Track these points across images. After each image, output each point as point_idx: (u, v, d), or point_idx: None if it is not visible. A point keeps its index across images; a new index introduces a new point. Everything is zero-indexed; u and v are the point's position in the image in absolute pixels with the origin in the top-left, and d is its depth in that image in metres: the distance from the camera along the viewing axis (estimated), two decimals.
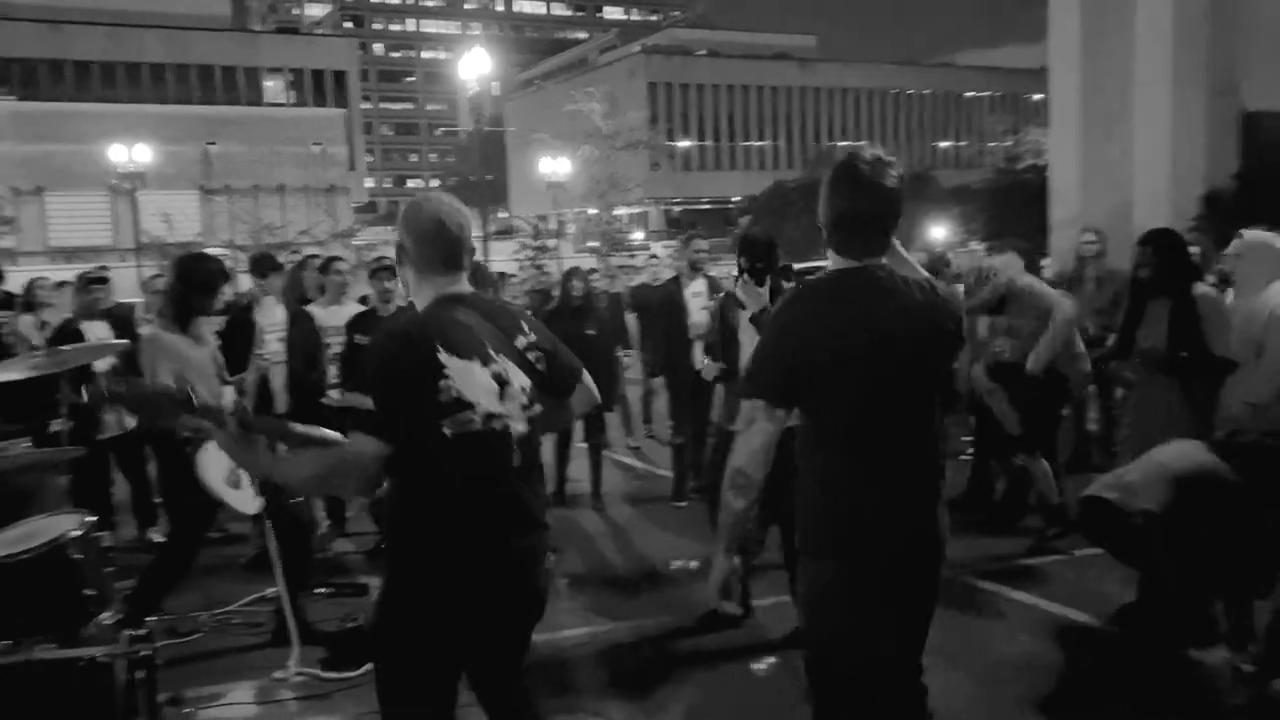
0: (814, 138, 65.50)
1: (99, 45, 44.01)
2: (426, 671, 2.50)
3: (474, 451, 2.39)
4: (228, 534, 6.42)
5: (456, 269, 2.55)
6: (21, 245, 35.85)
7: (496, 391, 2.45)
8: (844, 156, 2.61)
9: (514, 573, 2.51)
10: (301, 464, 2.56)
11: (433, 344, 2.37)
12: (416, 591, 2.45)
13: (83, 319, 6.53)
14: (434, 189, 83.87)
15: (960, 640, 4.84)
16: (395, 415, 2.33)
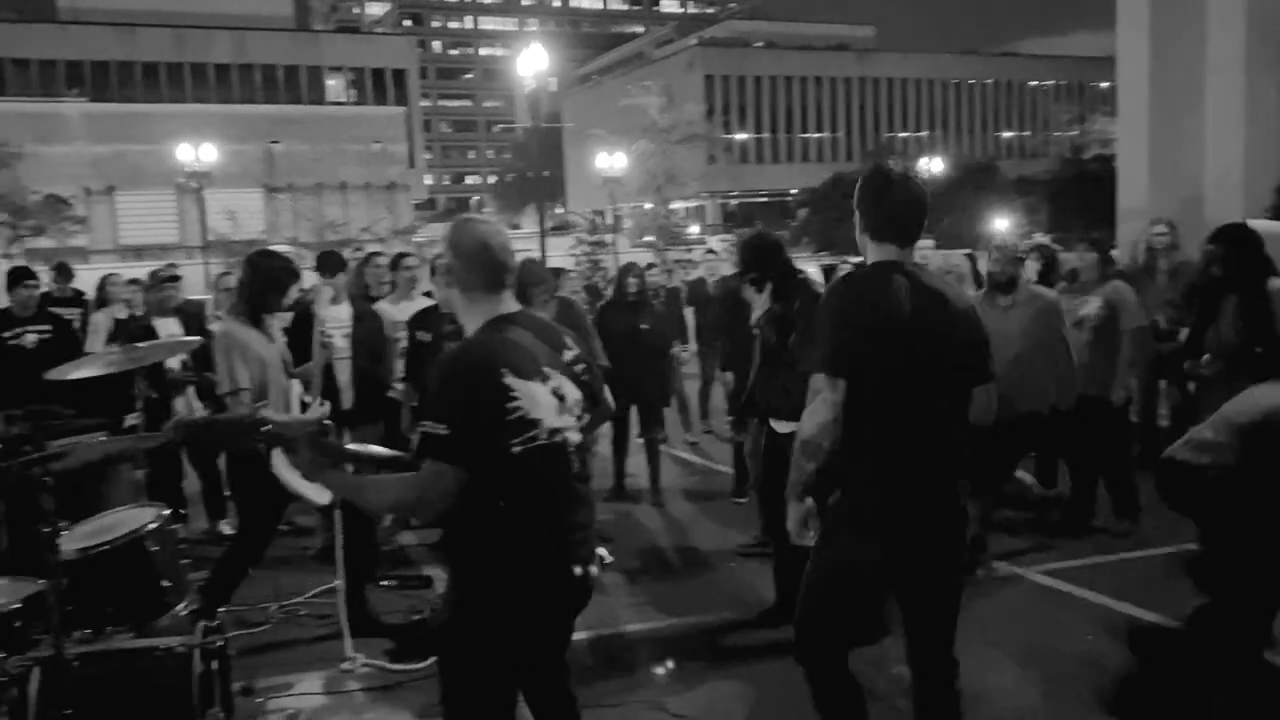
0: (873, 129, 64.78)
1: (167, 47, 44.98)
2: (495, 672, 2.59)
3: (539, 464, 2.53)
4: (296, 526, 6.54)
5: (502, 288, 2.68)
6: (93, 244, 36.83)
7: (556, 406, 2.59)
8: (872, 166, 3.13)
9: (571, 570, 2.62)
10: (383, 490, 2.67)
11: (499, 370, 2.49)
12: (486, 596, 2.56)
13: (155, 316, 6.70)
14: (491, 185, 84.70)
15: (1027, 639, 4.78)
16: (469, 441, 2.44)
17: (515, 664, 2.63)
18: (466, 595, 2.60)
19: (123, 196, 39.64)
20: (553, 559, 2.58)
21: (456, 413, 2.45)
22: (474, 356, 2.57)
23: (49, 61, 43.14)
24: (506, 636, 2.56)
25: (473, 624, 2.58)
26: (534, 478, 2.53)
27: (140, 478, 4.97)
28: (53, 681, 3.06)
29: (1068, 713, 4.14)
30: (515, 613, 2.55)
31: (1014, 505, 6.80)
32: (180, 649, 3.23)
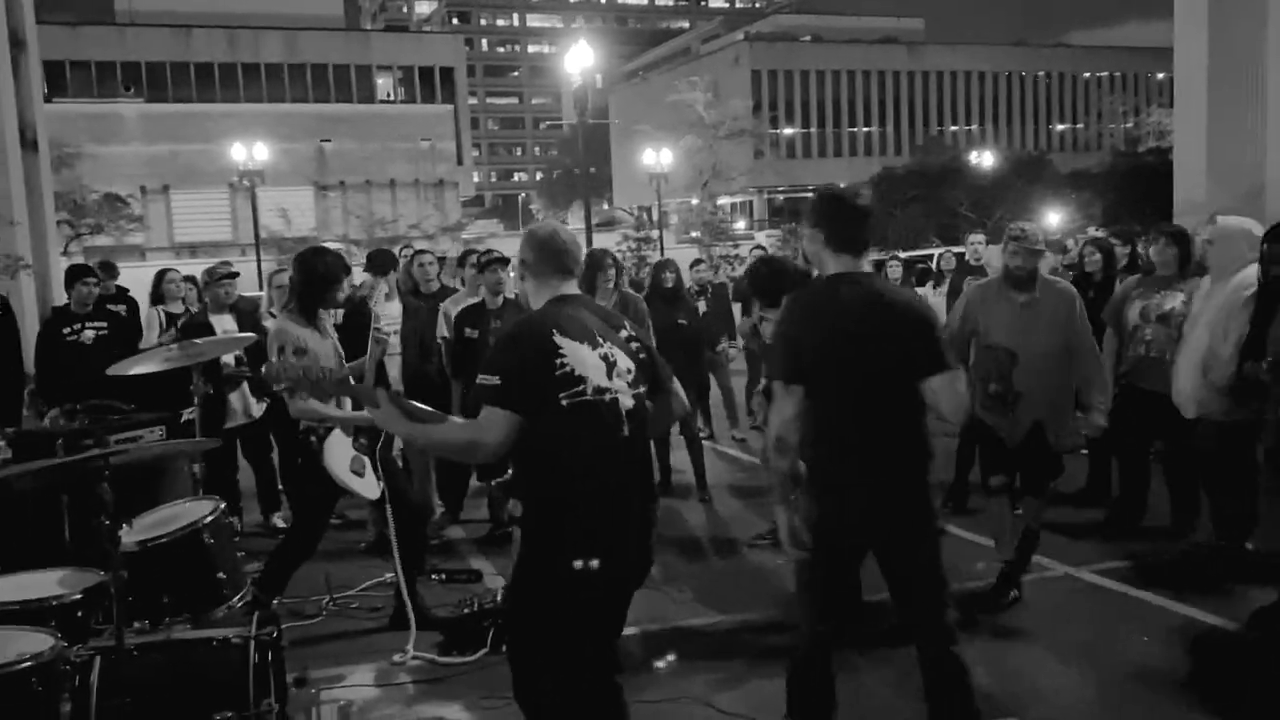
0: (922, 123, 64.07)
1: (220, 48, 45.66)
2: (560, 636, 2.79)
3: (587, 419, 2.77)
4: (346, 520, 6.63)
5: (568, 275, 3.01)
6: (149, 242, 37.54)
7: (604, 369, 2.82)
8: (824, 188, 3.67)
9: (626, 531, 2.82)
10: (448, 431, 2.98)
11: (549, 329, 2.81)
12: (550, 554, 2.76)
13: (211, 312, 6.81)
14: (538, 181, 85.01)
15: (1081, 640, 4.71)
16: (519, 386, 2.73)
17: (576, 630, 2.79)
18: (531, 556, 2.83)
19: (178, 195, 40.36)
20: (600, 498, 2.77)
21: (508, 364, 2.76)
22: (530, 320, 2.92)
23: (107, 63, 43.99)
24: (566, 600, 2.75)
25: (538, 584, 2.80)
26: (581, 430, 2.76)
27: (197, 472, 5.07)
28: (113, 670, 3.12)
29: (1121, 716, 4.08)
30: (574, 570, 2.71)
31: (1071, 504, 6.71)
32: (236, 640, 3.28)
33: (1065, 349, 4.91)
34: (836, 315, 3.18)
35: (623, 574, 2.84)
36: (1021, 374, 4.84)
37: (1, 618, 3.36)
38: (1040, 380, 4.84)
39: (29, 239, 13.33)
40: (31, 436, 5.36)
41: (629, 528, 2.82)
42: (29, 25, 13.90)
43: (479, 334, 6.70)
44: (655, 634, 4.86)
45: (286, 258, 24.81)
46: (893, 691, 4.20)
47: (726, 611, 5.23)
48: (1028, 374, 4.83)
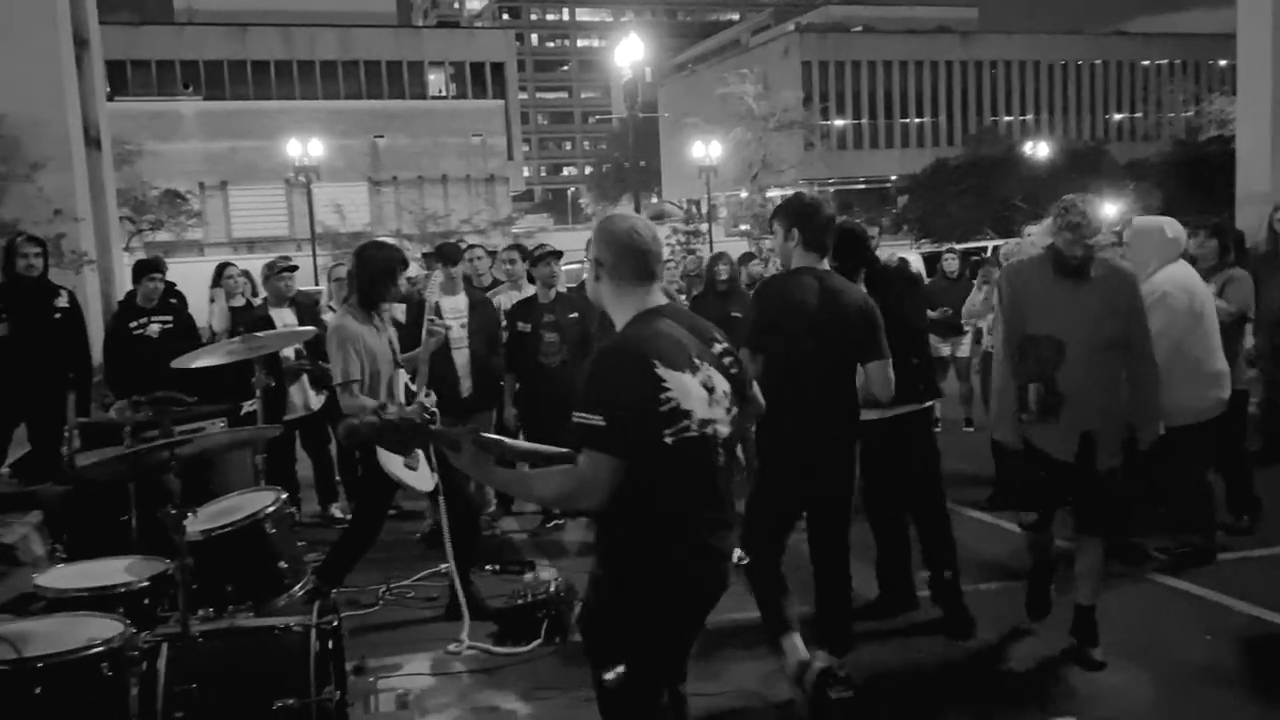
0: (975, 113, 63.13)
1: (275, 45, 46.30)
2: (640, 656, 2.64)
3: (690, 455, 2.56)
4: (402, 511, 6.71)
5: (651, 279, 2.71)
6: (208, 237, 38.21)
7: (706, 398, 2.60)
8: (795, 195, 4.36)
9: (708, 570, 2.66)
10: (547, 481, 2.71)
11: (651, 361, 2.52)
12: (631, 581, 2.61)
13: (271, 306, 6.93)
14: (587, 175, 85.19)
15: (1143, 638, 4.63)
16: (626, 427, 2.48)
17: (654, 649, 2.67)
18: (613, 580, 2.65)
19: (235, 191, 40.99)
20: (696, 550, 2.62)
21: (611, 403, 2.48)
22: (627, 348, 2.60)
23: (166, 62, 44.80)
24: (646, 621, 2.61)
25: (617, 607, 2.64)
26: (684, 468, 2.55)
27: (259, 463, 5.17)
28: (180, 657, 3.18)
29: (1183, 716, 4.01)
30: (656, 597, 2.60)
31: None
32: (298, 628, 3.34)
33: (1122, 342, 4.27)
34: (800, 300, 3.91)
35: (706, 598, 2.71)
36: (1069, 371, 4.23)
37: (71, 604, 3.46)
38: (1091, 379, 4.22)
39: (93, 235, 13.62)
40: (100, 427, 5.51)
41: (713, 554, 2.67)
42: (93, 26, 14.19)
43: (531, 327, 6.75)
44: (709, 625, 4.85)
45: (342, 252, 25.16)
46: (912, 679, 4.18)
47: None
48: (1076, 371, 4.21)
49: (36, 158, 12.58)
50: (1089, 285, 4.23)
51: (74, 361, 6.87)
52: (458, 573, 4.99)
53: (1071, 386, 4.24)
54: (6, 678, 2.75)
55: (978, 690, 3.79)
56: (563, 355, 6.71)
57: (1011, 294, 4.48)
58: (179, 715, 3.11)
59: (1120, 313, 4.25)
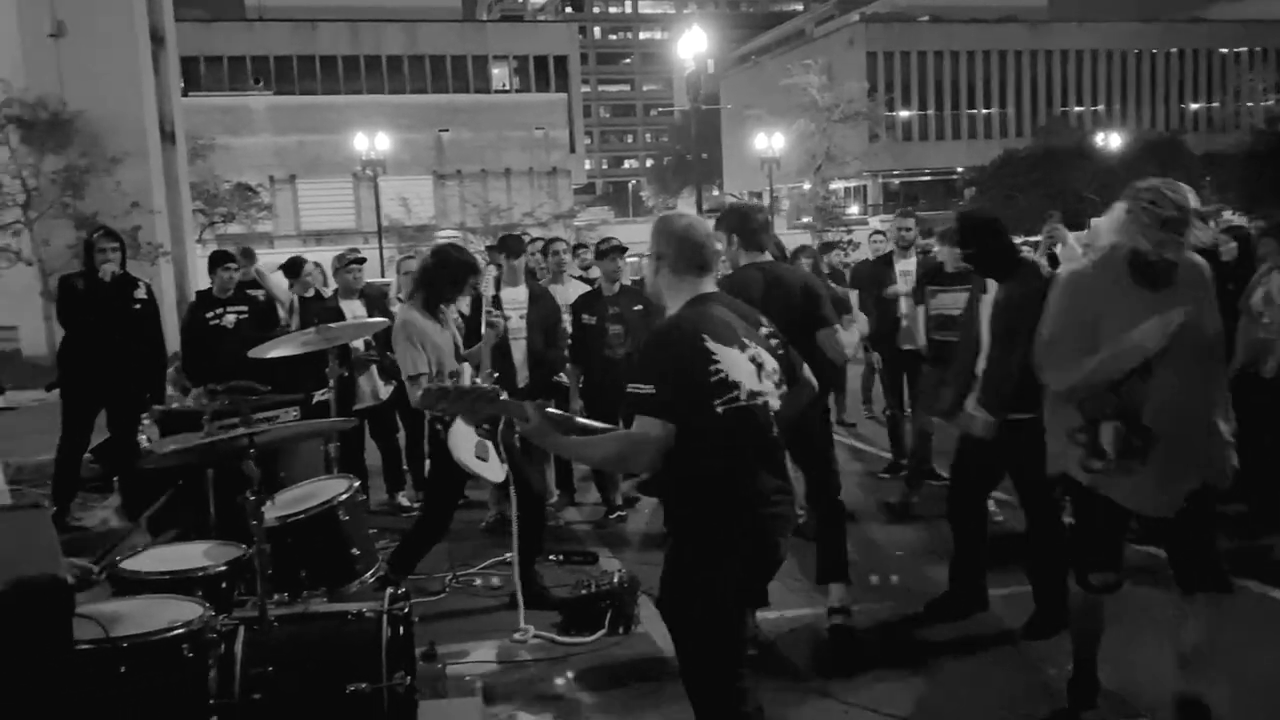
0: (1045, 104, 61.89)
1: (343, 41, 47.02)
2: (715, 621, 2.78)
3: (741, 424, 2.74)
4: (467, 500, 6.78)
5: (706, 271, 2.95)
6: (277, 229, 38.95)
7: (754, 372, 2.80)
8: (733, 206, 5.02)
9: (765, 538, 2.82)
10: (602, 445, 2.90)
11: (700, 335, 2.75)
12: (698, 549, 2.77)
13: (341, 297, 7.04)
14: (648, 168, 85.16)
15: (1218, 642, 4.50)
16: (674, 398, 2.68)
17: (723, 613, 2.78)
18: (680, 551, 2.81)
19: (304, 184, 41.71)
20: (755, 514, 2.77)
21: (661, 373, 2.70)
22: (677, 325, 2.83)
23: (237, 58, 45.75)
24: (713, 585, 2.75)
25: (687, 576, 2.79)
26: (736, 436, 2.72)
27: (332, 451, 5.26)
28: (256, 640, 3.26)
29: None
30: (719, 560, 2.74)
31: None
32: (370, 614, 3.40)
33: (1214, 352, 3.49)
34: (746, 291, 4.08)
35: (767, 562, 2.88)
36: (1157, 399, 3.36)
37: (153, 587, 3.55)
38: (1188, 408, 3.38)
39: (168, 227, 13.98)
40: (178, 415, 5.65)
41: (773, 530, 2.83)
42: (168, 23, 14.55)
43: (596, 320, 6.78)
44: (772, 620, 4.85)
45: (408, 245, 25.45)
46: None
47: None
48: (1166, 399, 3.35)
49: (115, 152, 12.95)
50: (1172, 291, 3.40)
51: (150, 350, 7.05)
52: (521, 562, 5.04)
53: (1162, 422, 3.36)
54: (93, 656, 2.83)
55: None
56: (627, 348, 6.72)
57: (1074, 295, 3.56)
58: (255, 697, 3.19)
59: (1208, 313, 3.45)
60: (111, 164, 12.94)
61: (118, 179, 12.98)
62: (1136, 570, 4.61)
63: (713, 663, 2.79)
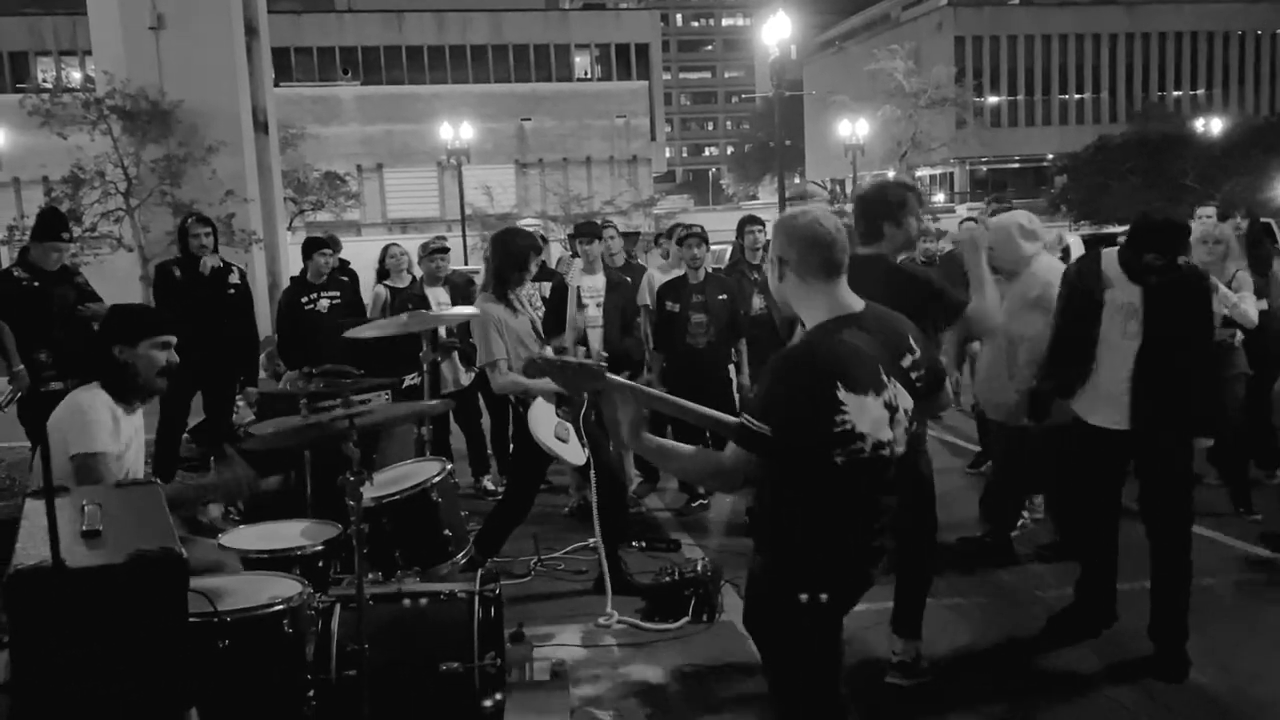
0: (1141, 88, 59.89)
1: (429, 31, 47.61)
2: (808, 642, 2.64)
3: (859, 475, 2.51)
4: (551, 485, 6.85)
5: (838, 273, 2.62)
6: (364, 218, 39.67)
7: (886, 420, 2.52)
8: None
9: (865, 570, 2.66)
10: (687, 461, 2.72)
11: (833, 381, 2.45)
12: (790, 589, 2.59)
13: (426, 285, 7.16)
14: (728, 155, 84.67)
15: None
16: (788, 443, 2.46)
17: (821, 639, 2.64)
18: (768, 573, 2.65)
19: (390, 173, 42.39)
20: (853, 557, 2.62)
21: (784, 418, 2.46)
22: (810, 361, 2.54)
23: (327, 48, 46.66)
24: (809, 615, 2.58)
25: (780, 600, 2.62)
26: (851, 486, 2.52)
27: (425, 434, 5.36)
28: (352, 618, 3.33)
29: None
30: (814, 596, 2.57)
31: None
32: (462, 595, 3.46)
33: None
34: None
35: (852, 600, 2.71)
36: None
37: (253, 564, 3.66)
38: None
39: (260, 215, 14.32)
40: (276, 397, 5.81)
41: (868, 563, 2.66)
42: (261, 15, 14.87)
43: (680, 308, 6.78)
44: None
45: (491, 233, 25.71)
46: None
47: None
48: None
49: (211, 141, 13.29)
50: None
51: (243, 334, 7.25)
52: (606, 547, 5.07)
53: None
54: (200, 629, 2.92)
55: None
56: (710, 337, 6.71)
57: None
58: (350, 673, 3.27)
59: None
60: (208, 153, 13.28)
61: (213, 168, 13.32)
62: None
63: (801, 685, 2.67)
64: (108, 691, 2.06)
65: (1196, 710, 3.93)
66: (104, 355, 3.58)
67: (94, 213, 14.73)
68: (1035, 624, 4.65)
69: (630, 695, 4.21)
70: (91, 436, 3.39)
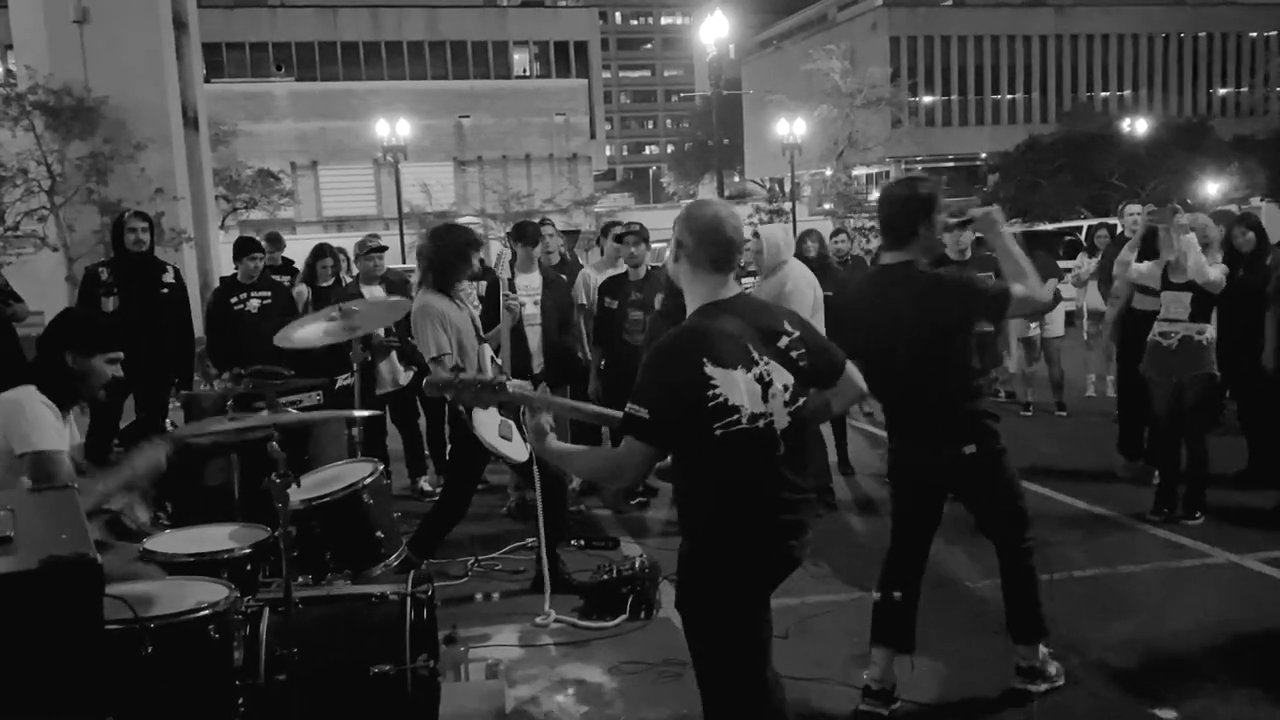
0: (1070, 89, 61.18)
1: (364, 26, 46.95)
2: (728, 621, 2.75)
3: (741, 447, 2.66)
4: (489, 485, 6.81)
5: (727, 270, 2.80)
6: (299, 216, 39.06)
7: (759, 393, 2.69)
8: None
9: (779, 544, 2.76)
10: (586, 459, 3.00)
11: (699, 358, 2.65)
12: (707, 566, 2.75)
13: (363, 284, 7.07)
14: (669, 154, 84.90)
15: (1246, 633, 4.48)
16: (668, 423, 2.65)
17: (733, 620, 2.74)
18: (690, 556, 2.79)
19: (326, 171, 41.78)
20: (763, 527, 2.72)
21: (657, 398, 2.65)
22: (678, 345, 2.73)
23: (259, 44, 45.80)
24: (722, 593, 2.73)
25: (696, 581, 2.77)
26: (736, 458, 2.66)
27: (356, 435, 5.29)
28: (281, 622, 3.28)
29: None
30: (727, 571, 2.72)
31: (1233, 486, 6.42)
32: (394, 597, 3.42)
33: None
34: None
35: (771, 577, 2.81)
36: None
37: (179, 568, 3.58)
38: None
39: (191, 214, 14.03)
40: (202, 399, 5.69)
41: (785, 534, 2.76)
42: (191, 9, 14.57)
43: (618, 304, 6.79)
44: (792, 608, 4.84)
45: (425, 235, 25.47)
46: None
47: (865, 587, 5.15)
48: None
49: (139, 138, 12.99)
50: None
51: (179, 335, 7.10)
52: (546, 546, 5.05)
53: None
54: (121, 636, 2.85)
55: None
56: (646, 334, 6.72)
57: None
58: (280, 678, 3.21)
59: None
60: (135, 150, 12.97)
61: (141, 165, 13.02)
62: None
63: (723, 663, 2.76)
64: (19, 702, 2.00)
65: None
66: (54, 359, 3.56)
67: (16, 211, 14.30)
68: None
69: (567, 693, 4.20)
70: (41, 434, 3.38)
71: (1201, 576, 5.23)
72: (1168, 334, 5.88)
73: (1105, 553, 5.56)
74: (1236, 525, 5.87)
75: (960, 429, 3.74)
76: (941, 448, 3.76)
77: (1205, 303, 5.82)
